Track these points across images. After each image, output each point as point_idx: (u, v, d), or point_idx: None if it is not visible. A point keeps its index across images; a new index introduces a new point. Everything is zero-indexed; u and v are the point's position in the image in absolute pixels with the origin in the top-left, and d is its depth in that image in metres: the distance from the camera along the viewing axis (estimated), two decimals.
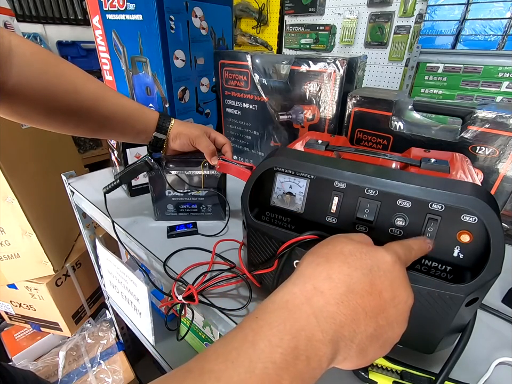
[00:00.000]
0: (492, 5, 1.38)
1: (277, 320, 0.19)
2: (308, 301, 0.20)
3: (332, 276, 0.21)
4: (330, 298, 0.20)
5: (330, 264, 0.22)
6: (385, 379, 0.29)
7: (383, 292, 0.21)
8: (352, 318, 0.20)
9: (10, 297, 0.98)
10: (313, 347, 0.18)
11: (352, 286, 0.20)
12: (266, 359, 0.17)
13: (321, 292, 0.20)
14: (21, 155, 0.82)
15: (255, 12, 2.40)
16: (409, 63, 1.65)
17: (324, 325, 0.19)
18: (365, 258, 0.22)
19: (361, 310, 0.20)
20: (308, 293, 0.20)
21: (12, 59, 0.35)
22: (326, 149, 0.37)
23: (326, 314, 0.19)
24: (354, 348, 0.20)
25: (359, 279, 0.21)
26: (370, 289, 0.21)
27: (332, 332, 0.19)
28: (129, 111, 0.47)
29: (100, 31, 0.58)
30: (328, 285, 0.20)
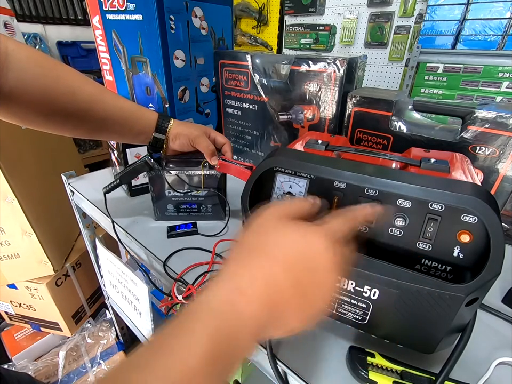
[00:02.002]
0: (492, 5, 1.38)
1: (201, 330, 0.19)
2: (232, 305, 0.20)
3: (254, 274, 0.21)
4: (252, 299, 0.20)
5: (253, 261, 0.22)
6: (385, 379, 0.29)
7: (308, 286, 0.21)
8: (275, 316, 0.21)
9: (10, 297, 0.98)
10: (236, 347, 0.19)
11: (275, 281, 0.21)
12: (184, 367, 0.17)
13: (242, 293, 0.20)
14: (21, 155, 0.82)
15: (255, 11, 2.39)
16: (409, 63, 1.65)
17: (248, 324, 0.20)
18: (291, 248, 0.21)
19: (284, 301, 0.21)
20: (233, 297, 0.20)
21: (9, 64, 0.36)
22: (326, 149, 0.37)
23: (248, 316, 0.20)
24: (282, 327, 0.22)
25: (281, 273, 0.21)
26: (296, 280, 0.21)
27: (255, 328, 0.20)
28: (128, 112, 0.47)
29: (100, 31, 0.58)
30: (250, 285, 0.20)
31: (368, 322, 0.31)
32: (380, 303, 0.29)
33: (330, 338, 0.35)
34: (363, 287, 0.29)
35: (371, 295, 0.29)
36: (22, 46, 0.38)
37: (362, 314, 0.30)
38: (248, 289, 0.20)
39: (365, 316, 0.30)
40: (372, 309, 0.29)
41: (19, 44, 0.38)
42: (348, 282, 0.29)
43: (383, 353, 0.31)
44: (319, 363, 0.32)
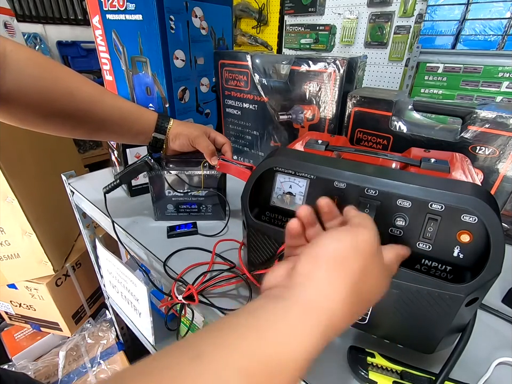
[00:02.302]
0: (492, 5, 1.38)
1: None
2: (317, 321, 0.20)
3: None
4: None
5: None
6: (385, 379, 0.29)
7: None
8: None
9: (10, 297, 0.98)
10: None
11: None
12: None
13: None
14: (21, 155, 0.82)
15: (255, 11, 2.40)
16: (409, 63, 1.65)
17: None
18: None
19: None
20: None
21: (7, 65, 0.36)
22: (326, 149, 0.37)
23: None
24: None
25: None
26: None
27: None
28: (127, 112, 0.47)
29: (100, 31, 0.58)
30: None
31: (368, 322, 0.31)
32: (380, 303, 0.28)
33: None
34: None
35: None
36: (21, 47, 0.38)
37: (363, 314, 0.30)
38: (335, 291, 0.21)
39: (365, 316, 0.30)
40: (372, 309, 0.29)
41: (17, 45, 0.38)
42: None
43: (383, 353, 0.31)
44: (319, 363, 0.32)
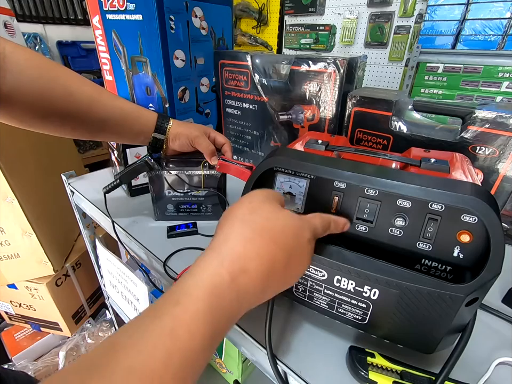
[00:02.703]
0: (492, 5, 1.38)
1: (201, 310, 0.19)
2: (234, 282, 0.21)
3: (260, 253, 0.23)
4: (253, 277, 0.22)
5: (261, 240, 0.23)
6: (385, 379, 0.29)
7: (294, 263, 0.25)
8: (264, 288, 0.23)
9: (10, 297, 0.98)
10: (231, 324, 0.22)
11: (274, 263, 0.23)
12: (186, 348, 0.18)
13: (247, 271, 0.22)
14: (21, 155, 0.82)
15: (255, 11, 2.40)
16: (409, 63, 1.65)
17: (242, 300, 0.22)
18: (290, 237, 0.25)
19: (274, 279, 0.24)
20: (235, 274, 0.21)
21: (6, 66, 0.36)
22: (326, 149, 0.37)
23: (245, 291, 0.22)
24: (259, 299, 0.24)
25: (281, 256, 0.24)
26: (287, 263, 0.24)
27: (246, 302, 0.22)
28: (126, 112, 0.47)
29: (99, 31, 0.58)
30: (255, 264, 0.22)
31: (368, 322, 0.31)
32: (380, 303, 0.29)
33: (330, 338, 0.35)
34: (363, 287, 0.29)
35: (371, 295, 0.29)
36: (20, 48, 0.38)
37: (362, 315, 0.30)
38: (253, 267, 0.22)
39: (365, 316, 0.30)
40: (372, 309, 0.29)
41: (17, 46, 0.38)
42: (348, 282, 0.29)
43: (383, 353, 0.31)
44: (319, 363, 0.32)
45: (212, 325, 0.19)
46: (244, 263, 0.22)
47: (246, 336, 0.35)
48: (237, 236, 0.23)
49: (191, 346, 0.18)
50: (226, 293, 0.21)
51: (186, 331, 0.18)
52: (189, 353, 0.18)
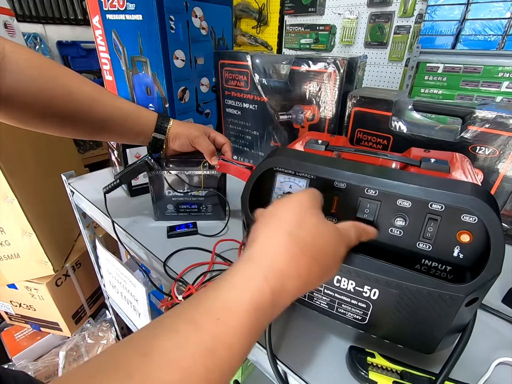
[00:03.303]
0: (492, 5, 1.38)
1: (243, 326, 0.19)
2: (274, 300, 0.21)
3: (301, 274, 0.23)
4: (291, 294, 0.23)
5: (303, 259, 0.23)
6: (385, 379, 0.29)
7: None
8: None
9: (10, 297, 0.98)
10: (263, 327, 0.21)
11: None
12: (222, 366, 0.18)
13: (287, 290, 0.22)
14: (21, 155, 0.82)
15: (255, 12, 2.40)
16: (409, 63, 1.65)
17: (277, 310, 0.22)
18: (329, 254, 0.25)
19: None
20: (277, 291, 0.21)
21: (6, 66, 0.36)
22: (326, 149, 0.37)
23: (282, 305, 0.22)
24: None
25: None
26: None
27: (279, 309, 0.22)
28: (126, 112, 0.47)
29: (99, 31, 0.58)
30: (295, 283, 0.22)
31: (368, 322, 0.31)
32: (380, 303, 0.29)
33: (330, 338, 0.35)
34: (363, 287, 0.29)
35: (371, 295, 0.29)
36: (20, 48, 0.38)
37: (362, 314, 0.30)
38: (293, 286, 0.22)
39: (365, 316, 0.30)
40: (372, 309, 0.29)
41: (16, 45, 0.38)
42: (348, 282, 0.29)
43: (383, 353, 0.31)
44: (319, 363, 0.32)
45: (250, 341, 0.20)
46: (284, 280, 0.22)
47: None
48: (282, 251, 0.23)
49: (230, 363, 0.18)
50: (267, 310, 0.21)
51: (228, 350, 0.18)
52: (227, 369, 0.18)
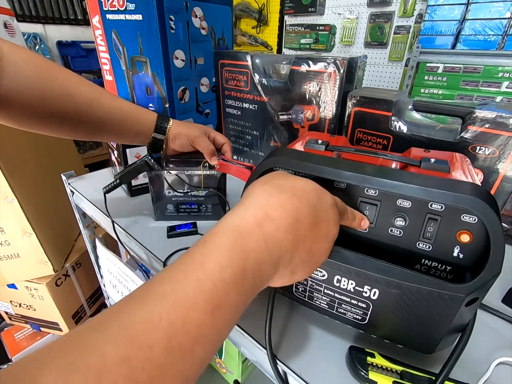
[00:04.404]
0: (492, 5, 1.38)
1: (228, 243, 0.20)
2: (259, 227, 0.21)
3: (284, 205, 0.23)
4: (280, 226, 0.22)
5: (283, 195, 0.24)
6: (385, 379, 0.29)
7: (321, 226, 0.24)
8: (294, 244, 0.23)
9: (10, 297, 0.98)
10: (260, 269, 0.21)
11: (300, 216, 0.23)
12: (215, 278, 0.18)
13: (272, 219, 0.22)
14: (21, 155, 0.82)
15: (255, 12, 2.40)
16: (409, 63, 1.65)
17: (271, 249, 0.21)
18: (312, 195, 0.25)
19: (302, 238, 0.23)
20: (260, 219, 0.22)
21: (4, 66, 0.36)
22: (326, 149, 0.37)
23: (274, 240, 0.21)
24: (290, 269, 0.23)
25: (305, 212, 0.23)
26: (313, 222, 0.24)
27: (277, 255, 0.22)
28: (126, 113, 0.47)
29: (99, 31, 0.58)
30: (280, 214, 0.22)
31: (368, 322, 0.31)
32: (380, 303, 0.29)
33: (330, 338, 0.35)
34: (363, 287, 0.29)
35: (371, 295, 0.29)
36: (18, 49, 0.38)
37: (362, 314, 0.30)
38: (278, 216, 0.22)
39: (365, 316, 0.30)
40: (372, 309, 0.29)
41: (15, 46, 0.38)
42: (348, 282, 0.29)
43: (383, 353, 0.31)
44: (319, 363, 0.32)
45: (239, 261, 0.19)
46: (268, 210, 0.22)
47: (246, 336, 0.35)
48: (260, 191, 0.24)
49: (221, 276, 0.18)
50: (252, 234, 0.21)
51: (216, 263, 0.19)
52: (219, 283, 0.18)
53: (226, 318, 0.19)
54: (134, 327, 0.15)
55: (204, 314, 0.17)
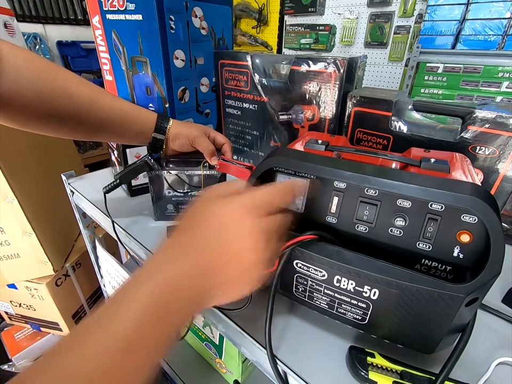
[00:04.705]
0: (492, 5, 1.38)
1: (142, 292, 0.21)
2: (168, 270, 0.22)
3: (186, 245, 0.24)
4: (185, 263, 0.23)
5: (186, 235, 0.25)
6: (385, 379, 0.29)
7: (230, 252, 0.24)
8: (208, 280, 0.24)
9: (10, 297, 0.98)
10: (176, 309, 0.22)
11: (204, 250, 0.24)
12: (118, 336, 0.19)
13: (178, 260, 0.23)
14: (21, 155, 0.82)
15: (255, 12, 2.40)
16: (409, 63, 1.65)
17: (185, 285, 0.22)
18: (218, 222, 0.25)
19: (214, 270, 0.24)
20: (168, 265, 0.23)
21: (3, 66, 0.36)
22: (326, 149, 0.37)
23: (184, 276, 0.23)
24: (217, 301, 0.25)
25: (212, 243, 0.24)
26: (220, 252, 0.24)
27: (191, 289, 0.23)
28: (126, 113, 0.47)
29: (99, 31, 0.58)
30: (184, 254, 0.24)
31: (368, 322, 0.31)
32: (379, 303, 0.29)
33: (330, 338, 0.35)
34: (363, 287, 0.29)
35: (371, 295, 0.29)
36: (17, 49, 0.38)
37: (362, 314, 0.30)
38: (182, 256, 0.23)
39: (365, 316, 0.30)
40: (372, 309, 0.29)
41: (14, 47, 0.38)
42: (348, 282, 0.29)
43: (383, 353, 0.31)
44: (319, 363, 0.32)
45: (150, 301, 0.21)
46: (171, 255, 0.24)
47: (246, 336, 0.35)
48: (165, 258, 0.25)
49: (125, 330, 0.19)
50: (159, 275, 0.22)
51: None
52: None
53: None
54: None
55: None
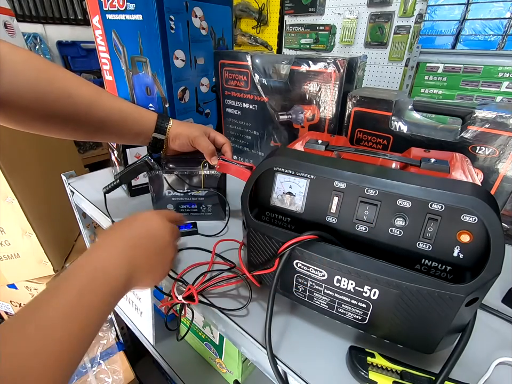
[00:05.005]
0: (492, 5, 1.38)
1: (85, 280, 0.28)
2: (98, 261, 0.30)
3: (115, 241, 0.33)
4: (114, 255, 0.31)
5: (117, 233, 0.34)
6: (385, 379, 0.29)
7: (153, 246, 0.35)
8: (134, 269, 0.32)
9: (10, 297, 0.98)
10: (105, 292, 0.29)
11: (130, 245, 0.33)
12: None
13: (107, 251, 0.31)
14: (21, 155, 0.82)
15: (255, 12, 2.40)
16: (409, 63, 1.65)
17: (113, 272, 0.30)
18: (144, 225, 0.36)
19: (139, 260, 0.33)
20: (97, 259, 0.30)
21: (2, 67, 0.35)
22: (326, 149, 0.37)
23: (113, 266, 0.30)
24: (140, 285, 0.34)
25: (139, 241, 0.34)
26: (145, 247, 0.34)
27: (119, 276, 0.30)
28: (126, 113, 0.47)
29: (99, 31, 0.58)
30: (113, 246, 0.32)
31: (368, 322, 0.31)
32: (379, 303, 0.29)
33: (330, 338, 0.35)
34: (363, 287, 0.29)
35: (371, 295, 0.29)
36: (17, 49, 0.38)
37: (362, 314, 0.30)
38: (112, 249, 0.31)
39: (365, 316, 0.30)
40: (372, 309, 0.30)
41: (13, 47, 0.38)
42: (348, 282, 0.29)
43: (383, 353, 0.31)
44: (319, 363, 0.32)
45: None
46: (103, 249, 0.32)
47: (246, 336, 0.35)
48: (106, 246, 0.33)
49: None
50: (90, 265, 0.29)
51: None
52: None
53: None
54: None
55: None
